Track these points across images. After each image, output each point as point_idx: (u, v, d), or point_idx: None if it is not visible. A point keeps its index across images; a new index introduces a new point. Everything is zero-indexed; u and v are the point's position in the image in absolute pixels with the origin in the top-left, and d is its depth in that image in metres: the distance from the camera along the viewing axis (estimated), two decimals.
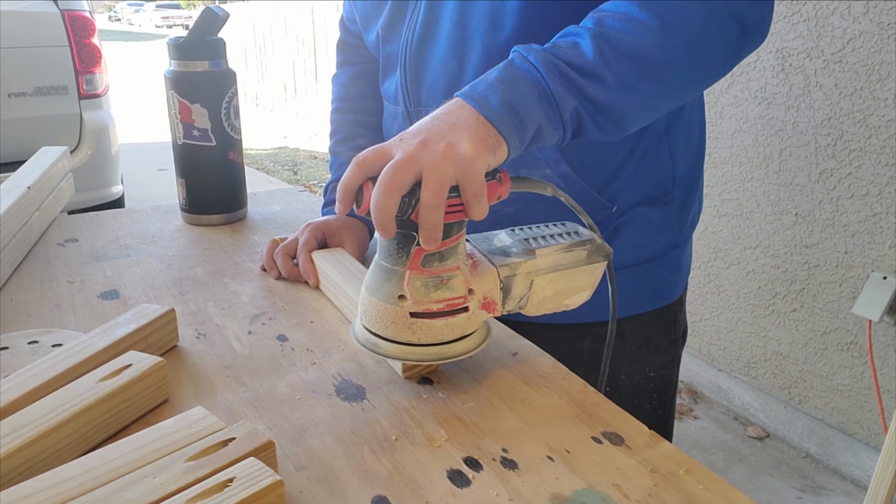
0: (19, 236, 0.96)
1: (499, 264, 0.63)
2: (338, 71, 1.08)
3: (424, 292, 0.60)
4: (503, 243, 0.67)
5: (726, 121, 2.12)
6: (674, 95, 0.70)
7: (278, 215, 1.16)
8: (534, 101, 0.61)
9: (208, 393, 0.64)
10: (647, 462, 0.54)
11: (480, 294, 0.63)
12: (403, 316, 0.60)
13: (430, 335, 0.61)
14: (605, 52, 0.63)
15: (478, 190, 0.57)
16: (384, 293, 0.61)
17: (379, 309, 0.61)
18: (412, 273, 0.60)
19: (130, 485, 0.46)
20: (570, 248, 0.66)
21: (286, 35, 8.23)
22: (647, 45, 0.63)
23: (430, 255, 0.59)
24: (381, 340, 0.62)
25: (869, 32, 1.72)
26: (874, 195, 1.78)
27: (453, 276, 0.61)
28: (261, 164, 6.20)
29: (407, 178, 0.55)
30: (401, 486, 0.52)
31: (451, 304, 0.61)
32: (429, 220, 0.56)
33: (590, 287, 0.69)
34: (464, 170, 0.56)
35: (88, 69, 3.02)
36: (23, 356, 0.67)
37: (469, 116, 0.59)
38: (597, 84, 0.63)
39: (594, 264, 0.67)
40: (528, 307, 0.66)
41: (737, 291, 2.21)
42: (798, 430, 2.09)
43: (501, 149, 0.60)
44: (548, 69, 0.62)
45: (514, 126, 0.60)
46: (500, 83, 0.61)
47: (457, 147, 0.56)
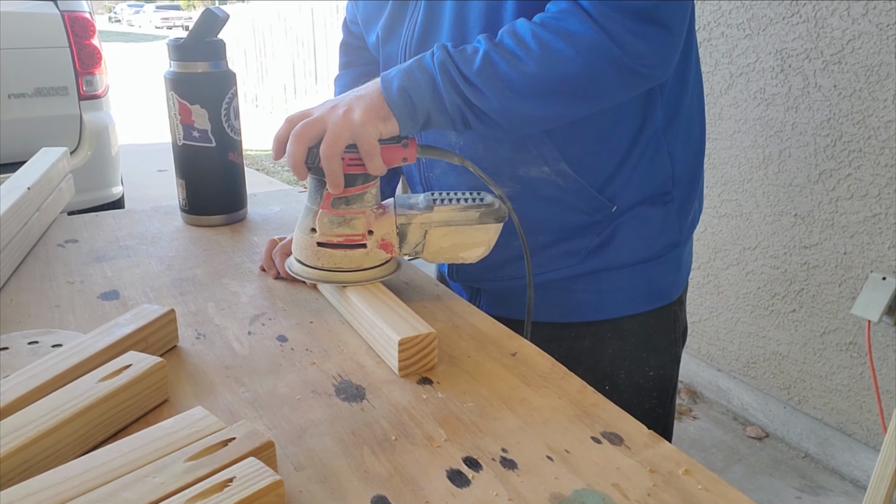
0: (19, 237, 0.96)
1: (398, 213, 0.77)
2: (340, 72, 1.09)
3: (329, 227, 0.76)
4: (416, 201, 0.79)
5: (725, 122, 2.12)
6: (553, 114, 0.75)
7: (278, 216, 1.17)
8: (426, 93, 0.73)
9: (208, 393, 0.64)
10: (646, 462, 0.54)
11: (379, 235, 0.77)
12: (312, 244, 0.77)
13: (332, 262, 0.77)
14: (486, 68, 0.72)
15: (368, 149, 0.71)
16: (303, 226, 0.78)
17: (299, 238, 0.79)
18: (323, 211, 0.75)
19: (130, 485, 0.46)
20: (465, 208, 0.78)
21: (286, 36, 8.23)
22: (524, 71, 0.71)
23: (338, 198, 0.75)
24: (298, 263, 0.79)
25: (868, 33, 1.72)
26: (873, 196, 1.79)
27: (355, 218, 0.75)
28: (261, 165, 6.20)
29: (313, 133, 0.71)
30: (400, 486, 0.52)
31: (350, 239, 0.76)
32: (327, 168, 0.71)
33: (484, 244, 0.80)
34: (355, 131, 0.71)
35: (88, 70, 3.02)
36: (23, 356, 0.67)
37: (374, 92, 0.73)
38: (476, 93, 0.72)
39: (486, 224, 0.78)
40: (424, 253, 0.79)
41: (736, 292, 2.21)
42: (797, 430, 2.09)
43: (392, 122, 0.72)
44: (441, 70, 0.72)
45: (406, 108, 0.72)
46: (406, 73, 0.73)
47: (352, 113, 0.71)
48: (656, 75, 0.75)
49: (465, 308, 0.82)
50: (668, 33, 0.72)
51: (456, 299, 0.84)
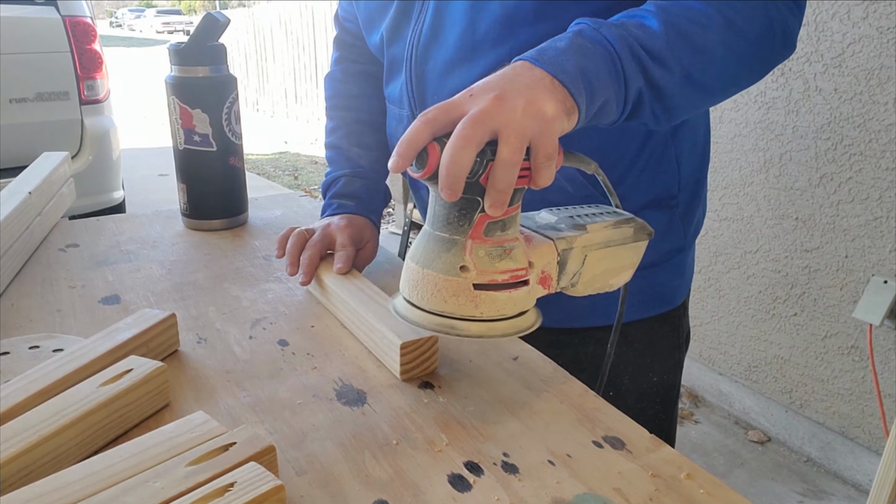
0: (20, 241, 0.96)
1: (555, 237, 0.61)
2: (333, 69, 1.06)
3: (489, 262, 0.56)
4: (548, 220, 0.64)
5: (726, 125, 2.12)
6: (723, 92, 0.70)
7: (279, 220, 1.17)
8: (606, 74, 0.59)
9: (209, 397, 0.64)
10: (648, 466, 0.54)
11: (539, 267, 0.59)
12: (466, 288, 0.56)
13: (494, 309, 0.57)
14: (673, 39, 0.62)
15: (551, 153, 0.54)
16: (443, 264, 0.56)
17: (437, 282, 0.56)
18: (475, 242, 0.55)
19: (131, 489, 0.46)
20: (617, 224, 0.64)
21: (287, 40, 8.25)
22: (712, 39, 0.63)
23: (493, 223, 0.55)
24: (438, 317, 0.57)
25: (868, 37, 1.72)
26: (874, 199, 1.78)
27: (515, 247, 0.57)
28: (262, 170, 6.21)
29: (484, 133, 0.52)
30: (401, 491, 0.52)
31: (515, 275, 0.57)
32: (503, 180, 0.52)
33: (633, 266, 0.68)
34: (541, 130, 0.53)
35: (90, 75, 3.03)
36: (24, 361, 0.67)
37: (543, 78, 0.56)
38: (663, 70, 0.62)
39: (639, 242, 0.66)
40: (578, 285, 0.64)
41: (737, 296, 2.20)
42: (799, 435, 2.09)
43: (574, 116, 0.57)
44: (622, 45, 0.60)
45: (586, 95, 0.57)
46: (574, 50, 0.58)
47: (537, 105, 0.53)
48: (790, 53, 0.71)
49: None
50: (802, 11, 0.70)
51: None
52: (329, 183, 0.97)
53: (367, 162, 0.97)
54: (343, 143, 0.99)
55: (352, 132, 0.99)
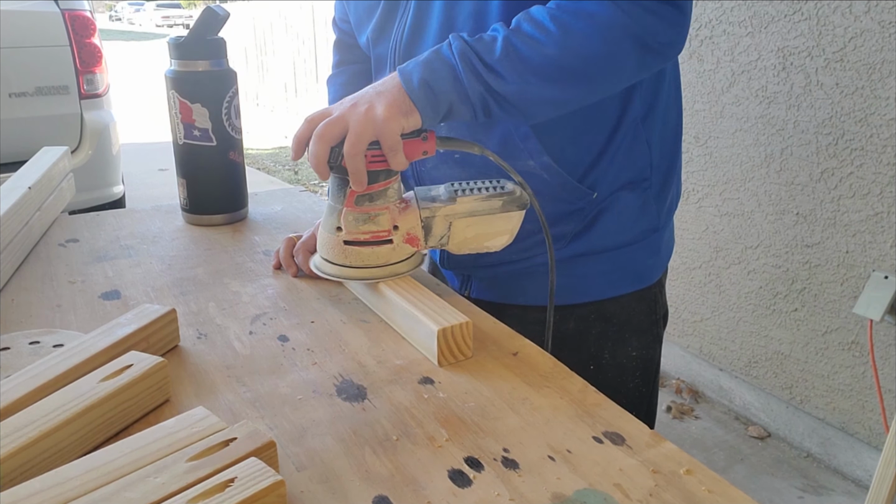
0: (20, 237, 0.96)
1: (422, 206, 0.77)
2: (335, 71, 1.09)
3: (355, 225, 0.76)
4: (437, 193, 0.80)
5: (727, 120, 2.12)
6: (574, 97, 0.76)
7: (279, 215, 1.16)
8: (448, 84, 0.72)
9: (209, 393, 0.64)
10: (648, 462, 0.54)
11: (404, 230, 0.77)
12: (339, 243, 0.77)
13: (359, 260, 0.77)
14: (509, 53, 0.72)
15: (392, 145, 0.71)
16: (328, 225, 0.78)
17: (324, 238, 0.78)
18: (347, 209, 0.75)
19: (132, 485, 0.46)
20: (488, 197, 0.78)
21: (287, 34, 8.23)
22: (546, 53, 0.72)
23: (361, 196, 0.74)
24: (325, 262, 0.79)
25: (870, 31, 1.72)
26: (875, 194, 1.78)
27: (380, 214, 0.75)
28: (262, 164, 6.20)
29: (335, 132, 0.70)
30: (402, 486, 0.52)
31: (377, 235, 0.76)
32: (351, 166, 0.71)
33: (508, 232, 0.81)
34: (378, 128, 0.70)
35: (89, 69, 3.02)
36: (24, 356, 0.67)
37: (394, 87, 0.72)
38: (499, 79, 0.72)
39: (510, 212, 0.79)
40: (449, 245, 0.80)
41: (738, 291, 2.20)
42: (799, 430, 2.09)
43: (414, 115, 0.72)
44: (462, 59, 0.72)
45: (427, 101, 0.72)
46: (425, 64, 0.73)
47: (374, 110, 0.70)
48: (671, 54, 0.77)
49: (465, 307, 0.82)
50: (681, 13, 0.74)
51: (456, 298, 0.84)
52: None
53: None
54: None
55: None
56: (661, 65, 0.79)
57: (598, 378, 0.67)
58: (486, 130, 0.84)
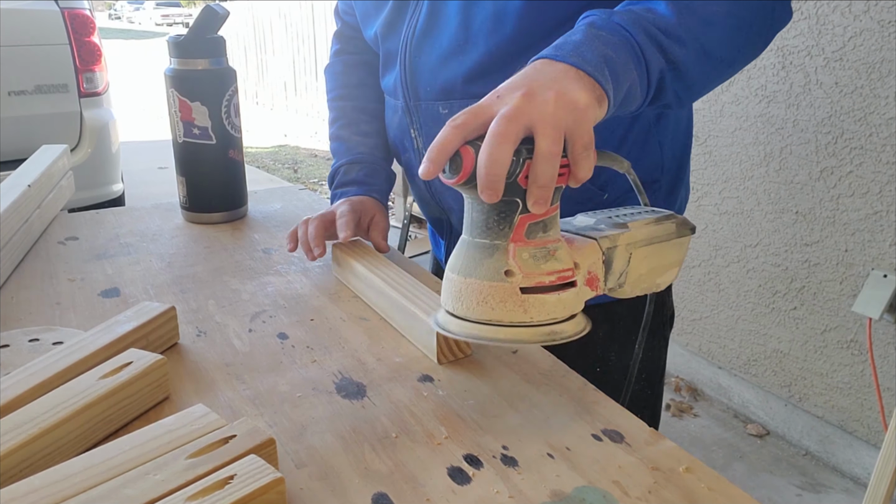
0: (20, 234, 0.96)
1: (598, 236, 0.59)
2: (333, 60, 1.09)
3: (534, 264, 0.54)
4: (586, 223, 0.62)
5: (727, 119, 2.12)
6: (735, 63, 0.70)
7: (279, 213, 1.17)
8: (627, 59, 0.58)
9: (209, 390, 0.64)
10: (647, 459, 0.54)
11: (585, 268, 0.58)
12: (514, 293, 0.54)
13: (544, 312, 0.54)
14: (683, 14, 0.62)
15: (588, 143, 0.52)
16: (487, 271, 0.54)
17: (482, 289, 0.54)
18: (518, 245, 0.54)
19: (131, 482, 0.46)
20: (659, 220, 0.63)
21: (286, 33, 8.22)
22: (719, 11, 0.64)
23: (534, 224, 0.54)
24: (488, 327, 0.55)
25: (870, 30, 1.72)
26: (874, 193, 1.78)
27: (559, 247, 0.55)
28: (261, 163, 6.20)
29: (519, 129, 0.50)
30: (401, 484, 0.52)
31: (562, 276, 0.55)
32: (545, 174, 0.50)
33: (678, 264, 0.66)
34: (576, 119, 0.52)
35: (89, 67, 3.02)
36: (23, 354, 0.67)
37: (567, 71, 0.54)
38: (679, 46, 0.62)
39: (683, 238, 0.65)
40: (626, 285, 0.63)
41: (737, 289, 2.21)
42: (798, 428, 2.09)
43: (604, 103, 0.56)
44: (636, 28, 0.60)
45: (612, 81, 0.56)
46: (592, 40, 0.57)
47: (569, 95, 0.52)
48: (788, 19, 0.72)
49: None
50: None
51: None
52: (332, 175, 1.02)
53: (365, 148, 1.01)
54: (343, 132, 1.03)
55: (350, 121, 1.03)
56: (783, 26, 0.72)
57: (605, 380, 0.65)
58: None
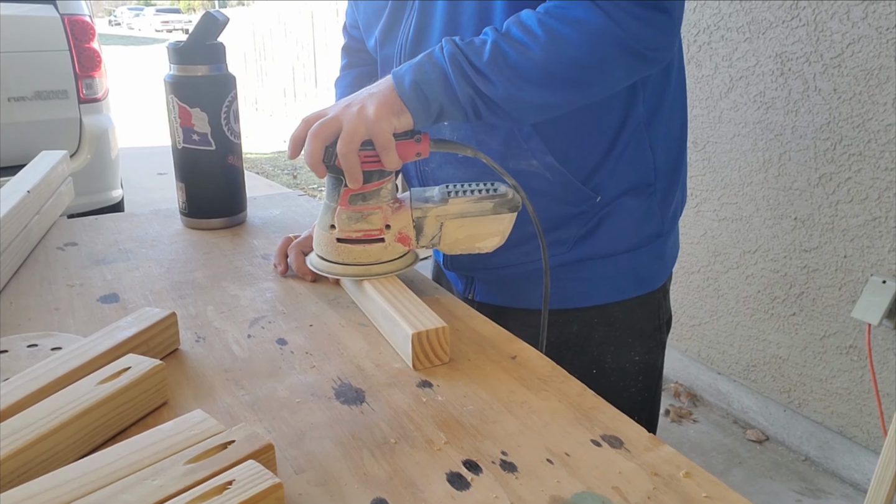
0: (19, 240, 0.96)
1: (413, 207, 0.79)
2: (341, 73, 1.11)
3: (348, 223, 0.78)
4: (431, 194, 0.81)
5: (725, 125, 2.12)
6: (561, 101, 0.77)
7: (278, 219, 1.17)
8: (438, 86, 0.74)
9: (207, 396, 0.64)
10: (646, 465, 0.54)
11: (396, 229, 0.79)
12: (332, 241, 0.79)
13: (351, 257, 0.79)
14: (497, 57, 0.73)
15: (384, 144, 0.73)
16: (322, 223, 0.80)
17: (319, 235, 0.81)
18: (341, 207, 0.78)
19: (130, 487, 0.46)
20: (479, 199, 0.80)
21: (286, 39, 8.24)
22: (532, 58, 0.73)
23: (355, 194, 0.77)
24: (319, 259, 0.82)
25: (868, 37, 1.72)
26: (873, 199, 1.79)
27: (373, 213, 0.78)
28: (260, 169, 6.20)
29: (329, 131, 0.73)
30: (400, 489, 0.52)
31: (369, 234, 0.78)
32: (344, 164, 0.73)
33: (499, 234, 0.82)
34: (370, 127, 0.72)
35: (88, 73, 3.02)
36: (22, 360, 0.67)
37: (386, 89, 0.75)
38: (486, 83, 0.74)
39: (500, 214, 0.80)
40: (441, 245, 0.81)
41: (736, 295, 2.21)
42: (797, 434, 2.09)
43: (405, 116, 0.74)
44: (452, 62, 0.74)
45: (419, 102, 0.74)
46: (417, 67, 0.75)
47: (366, 110, 0.73)
48: (659, 59, 0.77)
49: (464, 311, 0.82)
50: (670, 18, 0.75)
51: (455, 302, 0.84)
52: None
53: None
54: None
55: None
56: (650, 70, 0.80)
57: (601, 382, 0.67)
58: (489, 130, 0.85)
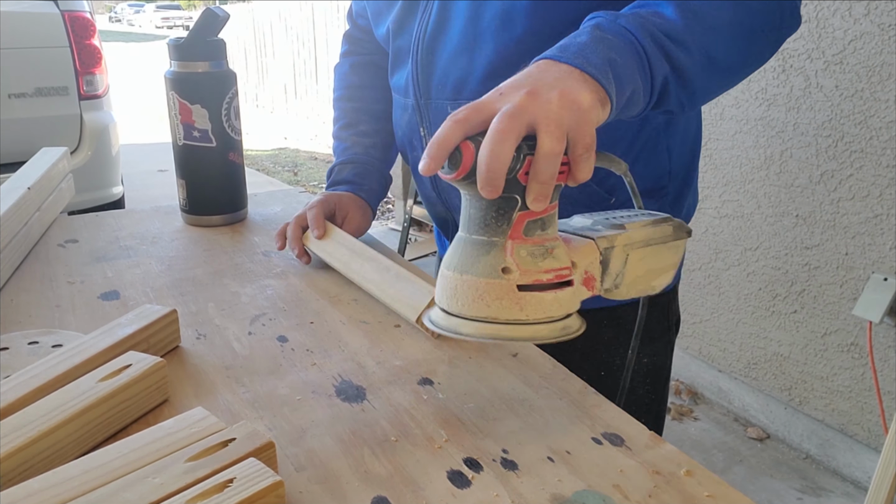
0: (20, 237, 0.96)
1: (595, 236, 0.59)
2: (341, 61, 1.11)
3: (532, 262, 0.54)
4: (583, 223, 0.62)
5: (727, 122, 2.12)
6: (741, 70, 0.70)
7: (278, 216, 1.16)
8: (631, 63, 0.58)
9: (208, 393, 0.64)
10: (647, 463, 0.54)
11: (582, 268, 0.57)
12: (510, 290, 0.53)
13: (540, 310, 0.54)
14: (690, 20, 0.62)
15: (590, 144, 0.52)
16: (483, 268, 0.54)
17: (478, 287, 0.54)
18: (516, 242, 0.53)
19: (130, 485, 0.46)
20: (656, 223, 0.63)
21: (286, 36, 8.23)
22: (725, 18, 0.63)
23: (532, 221, 0.53)
24: (482, 324, 0.54)
25: (870, 34, 1.72)
26: (875, 197, 1.78)
27: (557, 246, 0.55)
28: (261, 165, 6.20)
29: (521, 127, 0.50)
30: (401, 487, 0.52)
31: (560, 274, 0.55)
32: (545, 172, 0.50)
33: (674, 266, 0.66)
34: (578, 120, 0.52)
35: (89, 70, 3.02)
36: (23, 357, 0.67)
37: (571, 72, 0.54)
38: (684, 52, 0.61)
39: (679, 240, 0.65)
40: (622, 286, 0.62)
41: (737, 293, 2.20)
42: (798, 432, 2.09)
43: (607, 106, 0.56)
44: (643, 33, 0.59)
45: (616, 85, 0.56)
46: (597, 43, 0.57)
47: (572, 95, 0.52)
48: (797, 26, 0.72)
49: None
50: None
51: None
52: (327, 175, 1.04)
53: (361, 149, 1.03)
54: (342, 133, 1.05)
55: (351, 122, 1.05)
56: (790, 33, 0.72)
57: (608, 383, 0.65)
58: None
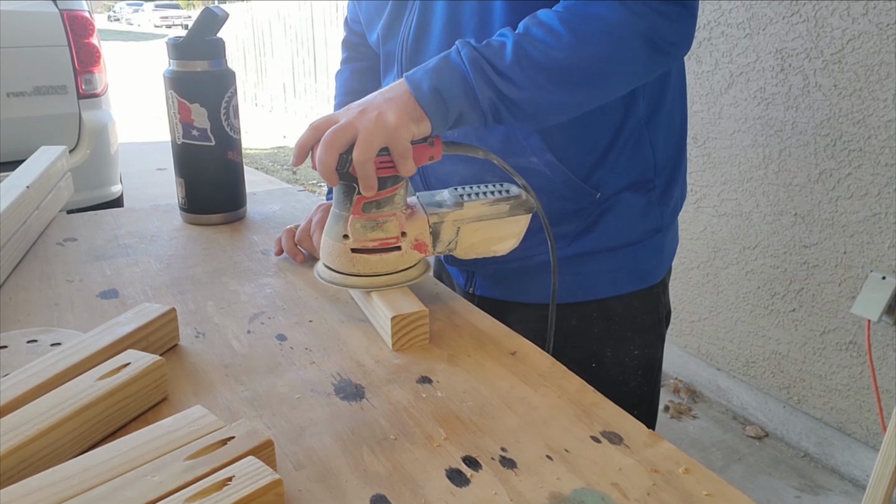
0: (18, 235, 0.96)
1: (429, 212, 0.77)
2: (341, 67, 1.12)
3: (363, 232, 0.74)
4: (442, 198, 0.79)
5: (725, 121, 2.12)
6: (583, 100, 0.77)
7: (277, 215, 1.16)
8: (458, 91, 0.72)
9: (207, 392, 0.64)
10: (645, 461, 0.54)
11: (412, 236, 0.76)
12: (346, 252, 0.75)
13: (367, 267, 0.75)
14: (521, 58, 0.72)
15: (402, 151, 0.70)
16: (333, 233, 0.76)
17: (330, 246, 0.76)
18: (354, 217, 0.74)
19: (129, 483, 0.46)
20: (495, 202, 0.78)
21: (285, 35, 8.23)
22: (557, 57, 0.72)
23: (368, 202, 0.73)
24: (331, 272, 0.77)
25: (868, 33, 1.72)
26: (873, 195, 1.78)
27: (388, 221, 0.74)
28: (260, 164, 6.20)
29: (344, 138, 0.69)
30: (399, 485, 0.52)
31: (385, 242, 0.75)
32: (361, 172, 0.70)
33: (515, 236, 0.81)
34: (389, 135, 0.69)
35: (87, 69, 3.02)
36: (21, 355, 0.67)
37: (403, 94, 0.71)
38: (510, 85, 0.72)
39: (517, 216, 0.79)
40: (457, 250, 0.79)
41: (736, 291, 2.21)
42: (797, 430, 2.09)
43: (424, 123, 0.71)
44: (472, 66, 0.72)
45: (437, 108, 0.71)
46: (434, 72, 0.72)
47: (385, 117, 0.69)
48: (679, 53, 0.78)
49: (464, 307, 0.82)
50: (689, 12, 0.75)
51: (455, 298, 0.84)
52: None
53: None
54: None
55: None
56: (670, 65, 0.79)
57: (600, 376, 0.67)
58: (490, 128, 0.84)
